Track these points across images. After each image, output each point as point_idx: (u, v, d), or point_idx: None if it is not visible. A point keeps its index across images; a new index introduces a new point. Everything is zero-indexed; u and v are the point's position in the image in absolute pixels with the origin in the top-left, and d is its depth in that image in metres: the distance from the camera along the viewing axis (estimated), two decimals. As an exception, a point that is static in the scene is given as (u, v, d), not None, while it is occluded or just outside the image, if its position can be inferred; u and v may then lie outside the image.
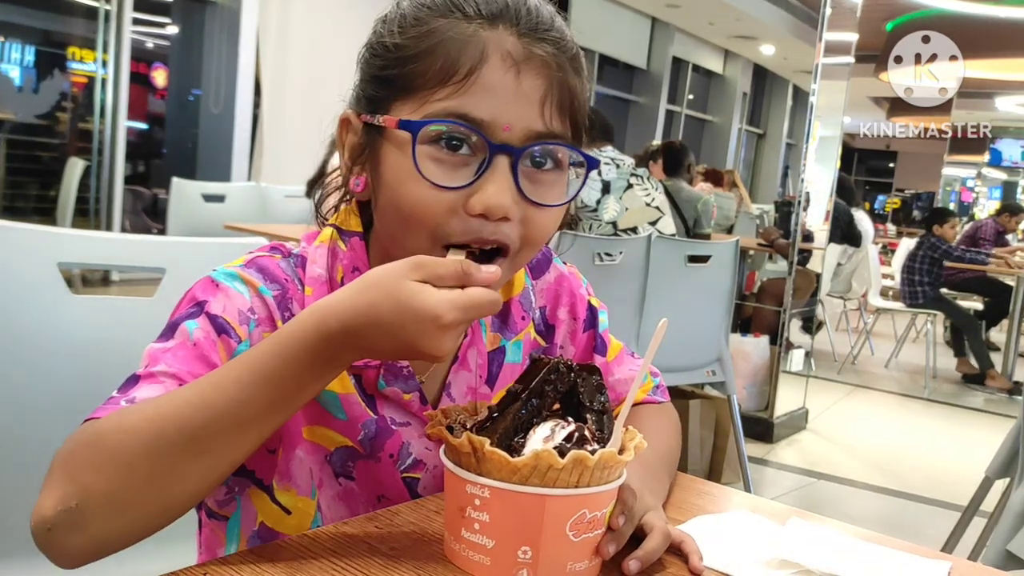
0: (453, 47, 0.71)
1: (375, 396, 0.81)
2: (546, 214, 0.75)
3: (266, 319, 0.77)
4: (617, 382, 0.96)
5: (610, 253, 2.58)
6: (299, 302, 0.79)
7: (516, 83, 0.71)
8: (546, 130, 0.73)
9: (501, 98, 0.71)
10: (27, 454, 1.17)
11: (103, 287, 5.55)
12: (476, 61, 0.71)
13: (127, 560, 1.18)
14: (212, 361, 0.72)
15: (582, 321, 0.95)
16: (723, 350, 3.06)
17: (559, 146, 0.74)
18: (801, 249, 4.71)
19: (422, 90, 0.72)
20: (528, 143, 0.72)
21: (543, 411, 0.71)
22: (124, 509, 0.63)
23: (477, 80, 0.71)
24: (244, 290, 0.77)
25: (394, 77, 0.74)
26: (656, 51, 10.96)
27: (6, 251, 1.12)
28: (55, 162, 6.53)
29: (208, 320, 0.74)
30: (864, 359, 6.72)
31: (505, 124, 0.71)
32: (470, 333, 0.85)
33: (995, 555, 1.77)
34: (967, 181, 13.09)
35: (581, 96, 0.76)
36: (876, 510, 3.59)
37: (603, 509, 0.69)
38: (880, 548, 0.83)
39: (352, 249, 0.81)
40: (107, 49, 6.13)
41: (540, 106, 0.72)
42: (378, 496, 0.84)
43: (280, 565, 0.67)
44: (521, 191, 0.73)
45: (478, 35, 0.72)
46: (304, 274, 0.80)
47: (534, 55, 0.72)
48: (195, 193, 4.03)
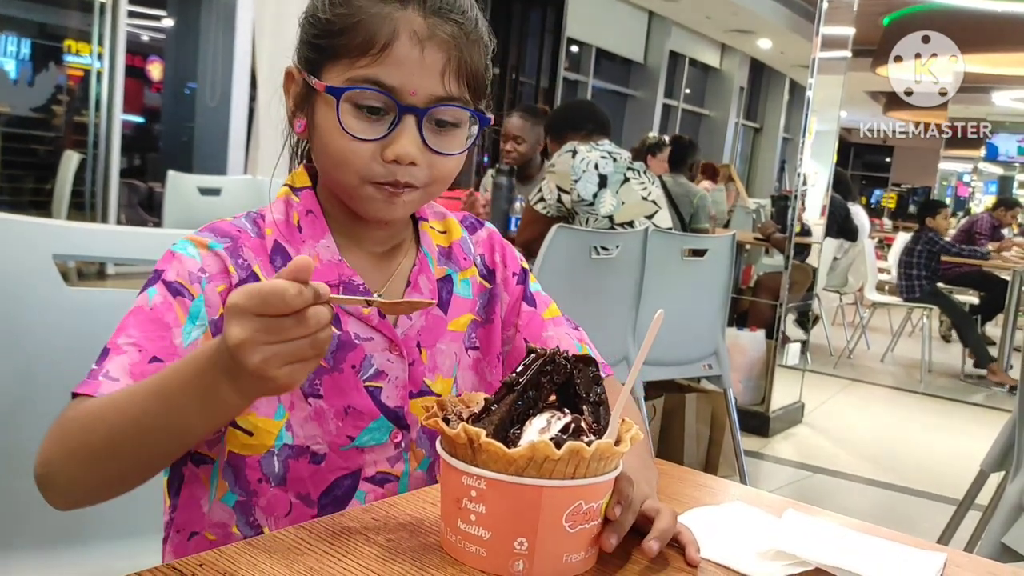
0: (372, 24, 0.86)
1: (338, 314, 0.92)
2: (447, 160, 0.91)
3: (219, 272, 0.89)
4: (549, 338, 1.05)
5: (607, 247, 2.58)
6: (251, 248, 0.91)
7: (420, 56, 0.86)
8: (445, 94, 0.88)
9: (408, 69, 0.86)
10: (24, 445, 1.17)
11: (99, 279, 5.54)
12: (389, 37, 0.86)
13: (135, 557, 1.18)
14: (165, 322, 0.85)
15: (513, 273, 1.07)
16: (719, 344, 3.07)
17: (455, 107, 0.89)
18: (797, 244, 4.71)
19: (346, 58, 0.87)
20: (431, 105, 0.88)
21: (539, 402, 0.72)
22: (75, 481, 0.79)
23: (390, 53, 0.86)
24: (195, 253, 0.89)
25: (325, 46, 0.89)
26: (653, 45, 10.95)
27: (1, 243, 1.11)
28: (50, 155, 6.51)
29: (164, 286, 0.86)
30: (860, 353, 6.73)
31: (412, 89, 0.86)
32: (418, 263, 0.98)
33: (990, 548, 1.78)
34: (963, 176, 13.11)
35: (478, 65, 0.91)
36: (872, 503, 3.60)
37: (599, 500, 0.69)
38: (875, 539, 0.83)
39: (304, 198, 0.96)
40: (103, 42, 6.11)
41: (441, 75, 0.87)
42: (345, 408, 0.91)
43: (277, 556, 0.67)
44: (425, 142, 0.88)
45: (391, 15, 0.86)
46: (263, 224, 0.93)
47: (436, 33, 0.87)
48: (191, 186, 4.01)
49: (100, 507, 0.82)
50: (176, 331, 0.85)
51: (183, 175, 4.01)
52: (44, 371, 1.16)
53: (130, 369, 0.81)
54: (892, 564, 0.77)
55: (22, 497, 1.18)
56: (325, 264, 0.92)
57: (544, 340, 1.04)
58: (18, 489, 1.18)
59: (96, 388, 0.80)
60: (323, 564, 0.67)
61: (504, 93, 8.14)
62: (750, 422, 4.20)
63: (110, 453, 0.76)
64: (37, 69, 7.05)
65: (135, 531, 1.21)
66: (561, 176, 3.17)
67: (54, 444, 0.78)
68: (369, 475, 0.92)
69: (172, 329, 0.84)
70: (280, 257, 0.91)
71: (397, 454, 0.93)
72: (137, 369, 0.82)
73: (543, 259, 2.40)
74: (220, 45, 6.86)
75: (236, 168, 6.56)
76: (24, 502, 1.18)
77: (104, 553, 1.19)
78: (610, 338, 2.69)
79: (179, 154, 7.51)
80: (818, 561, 0.74)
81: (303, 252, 0.92)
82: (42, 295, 1.14)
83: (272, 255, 0.91)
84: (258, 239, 0.92)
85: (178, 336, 0.85)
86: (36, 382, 1.16)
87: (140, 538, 1.21)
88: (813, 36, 4.49)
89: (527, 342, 1.02)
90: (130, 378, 0.81)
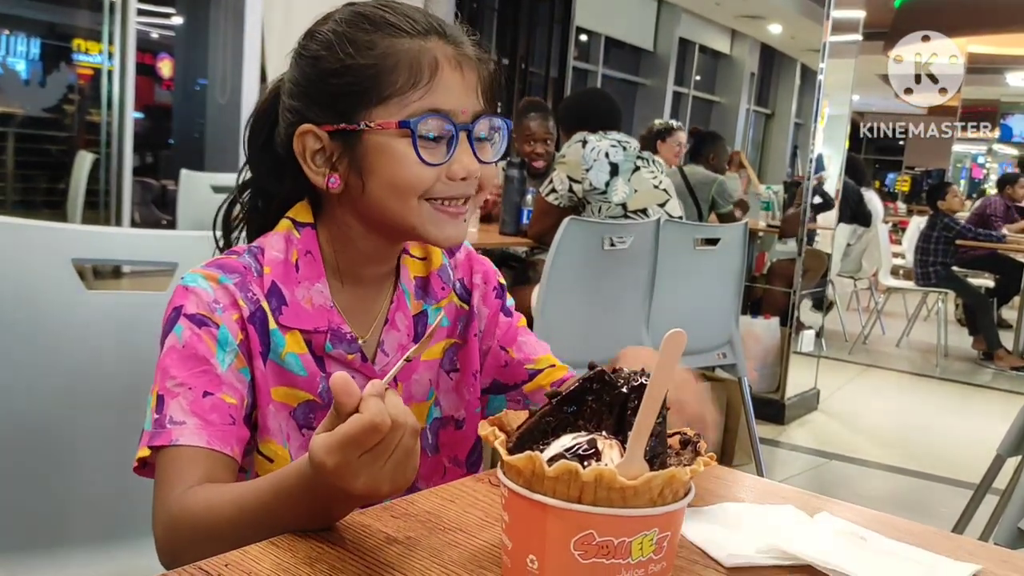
0: (412, 60, 0.92)
1: (323, 357, 0.98)
2: (489, 168, 0.99)
3: (230, 304, 0.92)
4: (523, 343, 1.12)
5: (620, 238, 2.58)
6: (257, 284, 0.95)
7: (462, 78, 0.94)
8: (482, 108, 0.96)
9: (456, 92, 0.94)
10: (45, 447, 1.19)
11: (114, 279, 5.58)
12: (433, 67, 0.92)
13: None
14: (200, 355, 0.89)
15: (493, 288, 1.12)
16: (733, 332, 3.07)
17: (490, 117, 0.98)
18: (810, 229, 4.69)
19: (396, 96, 0.92)
20: (474, 120, 0.95)
21: (581, 420, 0.67)
22: (198, 557, 0.75)
23: (439, 81, 0.92)
24: (207, 286, 0.92)
25: (363, 90, 0.92)
26: (662, 33, 10.89)
27: (22, 248, 1.13)
28: (64, 155, 6.55)
29: (187, 320, 0.91)
30: (875, 339, 6.71)
31: (463, 109, 0.94)
32: (395, 300, 1.03)
33: (1007, 533, 1.77)
34: (978, 157, 13.00)
35: (495, 77, 1.01)
36: (888, 489, 3.60)
37: (622, 537, 0.61)
38: (905, 548, 0.80)
39: (304, 236, 0.99)
40: (113, 40, 6.13)
41: (476, 92, 0.96)
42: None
43: (300, 555, 0.68)
44: (476, 156, 0.96)
45: (425, 48, 0.93)
46: (263, 259, 0.96)
47: (465, 55, 0.95)
48: (204, 184, 4.03)
49: (127, 508, 0.83)
50: (213, 361, 0.90)
51: (196, 174, 4.03)
52: (66, 374, 1.18)
53: (190, 409, 0.87)
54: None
55: (51, 497, 1.20)
56: (316, 309, 0.97)
57: (519, 345, 1.11)
58: (49, 489, 1.20)
59: (170, 437, 0.85)
60: (345, 562, 0.68)
61: (514, 84, 8.13)
62: (765, 410, 4.20)
63: (234, 544, 0.76)
64: (48, 69, 7.09)
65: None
66: (572, 166, 3.17)
67: (181, 542, 0.81)
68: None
69: (210, 360, 0.89)
70: (275, 299, 0.95)
71: None
72: (196, 407, 0.87)
73: (556, 251, 2.41)
74: (230, 42, 6.86)
75: (248, 164, 6.56)
76: (55, 502, 1.20)
77: (131, 552, 1.21)
78: (623, 329, 2.70)
79: (191, 151, 7.53)
80: (842, 571, 0.72)
81: (298, 294, 0.96)
82: (62, 299, 1.16)
83: (268, 295, 0.95)
84: (259, 277, 0.96)
85: (217, 366, 0.90)
86: (58, 385, 1.18)
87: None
88: (824, 20, 4.46)
89: (504, 349, 1.10)
90: (194, 417, 0.86)
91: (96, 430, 1.20)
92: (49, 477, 1.20)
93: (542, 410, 0.67)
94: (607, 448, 0.64)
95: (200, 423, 0.86)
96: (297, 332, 0.95)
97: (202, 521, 0.80)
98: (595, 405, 0.67)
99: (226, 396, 0.89)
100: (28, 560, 1.17)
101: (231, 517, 0.79)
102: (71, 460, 1.20)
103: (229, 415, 0.89)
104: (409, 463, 0.71)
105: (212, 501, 0.80)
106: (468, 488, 0.85)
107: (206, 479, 0.84)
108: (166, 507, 0.83)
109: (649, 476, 0.60)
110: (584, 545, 0.61)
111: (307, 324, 0.96)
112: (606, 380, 0.67)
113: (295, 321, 0.95)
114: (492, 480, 0.86)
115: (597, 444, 0.64)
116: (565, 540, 0.61)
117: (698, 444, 0.68)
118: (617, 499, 0.60)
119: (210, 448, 0.85)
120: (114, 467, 1.22)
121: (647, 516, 0.61)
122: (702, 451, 0.67)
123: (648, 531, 0.61)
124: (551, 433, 0.66)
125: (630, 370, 0.69)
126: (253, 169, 1.05)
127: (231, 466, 0.88)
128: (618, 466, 0.62)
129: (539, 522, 0.62)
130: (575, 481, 0.60)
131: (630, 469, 0.61)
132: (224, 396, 0.89)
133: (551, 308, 2.43)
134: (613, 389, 0.67)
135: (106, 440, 1.20)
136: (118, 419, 1.20)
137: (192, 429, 0.86)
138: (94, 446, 1.21)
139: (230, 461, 0.87)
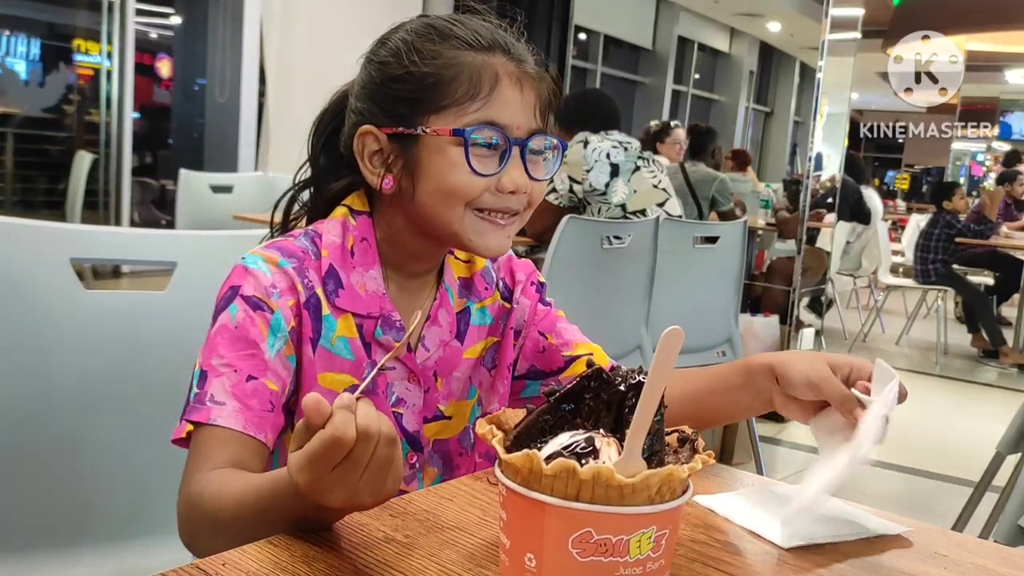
0: (474, 72, 0.95)
1: (371, 343, 0.99)
2: (540, 185, 1.00)
3: (287, 289, 0.94)
4: (563, 329, 1.12)
5: (619, 236, 2.58)
6: (314, 269, 0.97)
7: (520, 95, 0.97)
8: (538, 127, 0.98)
9: (514, 107, 0.96)
10: (46, 446, 1.19)
11: (113, 279, 5.58)
12: (493, 82, 0.95)
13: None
14: (251, 338, 0.91)
15: (532, 282, 1.14)
16: (733, 330, 3.07)
17: (545, 136, 1.00)
18: (809, 227, 4.69)
19: (454, 106, 0.95)
20: (529, 137, 0.97)
21: (578, 418, 0.66)
22: (216, 548, 0.75)
23: (498, 95, 0.95)
24: (266, 269, 0.94)
25: (424, 98, 0.95)
26: (661, 31, 10.89)
27: (21, 248, 1.13)
28: (63, 155, 6.55)
29: (243, 301, 0.92)
30: (875, 336, 6.70)
31: (518, 125, 0.96)
32: (439, 297, 1.04)
33: (1007, 530, 1.78)
34: (977, 155, 12.99)
35: (552, 97, 1.02)
36: (888, 487, 3.60)
37: (619, 535, 0.61)
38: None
39: (360, 224, 1.01)
40: (111, 40, 6.13)
41: (533, 110, 0.98)
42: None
43: (297, 554, 0.69)
44: (528, 172, 0.97)
45: (488, 62, 0.96)
46: (321, 243, 0.99)
47: (526, 74, 0.98)
48: (203, 184, 4.04)
49: (126, 507, 0.83)
50: (263, 346, 0.91)
51: (195, 173, 4.04)
52: (65, 373, 1.18)
53: (232, 391, 0.89)
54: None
55: (53, 496, 1.20)
56: (369, 295, 0.99)
57: (557, 331, 1.12)
58: (50, 488, 1.20)
59: (208, 415, 0.87)
60: (343, 561, 0.68)
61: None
62: (765, 408, 4.19)
63: (235, 537, 0.76)
64: (47, 69, 7.09)
65: (175, 528, 1.23)
66: (573, 166, 3.17)
67: (193, 524, 0.84)
68: None
69: (260, 344, 0.91)
70: (332, 282, 0.97)
71: (411, 474, 1.02)
72: (238, 390, 0.89)
73: (555, 250, 2.41)
74: (228, 41, 6.86)
75: (247, 164, 6.57)
76: (43, 501, 1.20)
77: (130, 552, 1.21)
78: (623, 328, 2.70)
79: (190, 151, 7.54)
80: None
81: (353, 279, 0.98)
82: (61, 299, 1.16)
83: (325, 279, 0.97)
84: (316, 261, 0.98)
85: (265, 351, 0.91)
86: (57, 384, 1.18)
87: (175, 536, 1.22)
88: (822, 18, 4.47)
89: (542, 335, 1.10)
90: (235, 400, 0.88)
91: (96, 429, 1.20)
92: (48, 476, 1.20)
93: (540, 408, 0.67)
94: (605, 446, 0.63)
95: (239, 407, 0.88)
96: (350, 316, 0.97)
97: (210, 511, 0.82)
98: (593, 403, 0.67)
99: (269, 382, 0.91)
100: (35, 560, 1.17)
101: (233, 513, 0.79)
102: (70, 459, 1.20)
103: (269, 401, 0.90)
104: (388, 473, 0.69)
105: (221, 493, 0.81)
106: (466, 486, 0.85)
107: (233, 462, 0.86)
108: (188, 485, 0.85)
109: (647, 474, 0.60)
110: (582, 543, 0.61)
111: (361, 308, 0.98)
112: (604, 378, 0.67)
113: (350, 304, 0.97)
114: (490, 478, 0.86)
115: (595, 442, 0.63)
116: (563, 538, 0.61)
117: (696, 442, 0.68)
118: (615, 497, 0.60)
119: (244, 432, 0.87)
120: (114, 465, 1.22)
121: (645, 514, 0.61)
122: (699, 449, 0.67)
123: (646, 529, 0.61)
124: (549, 431, 0.66)
125: (627, 368, 0.68)
126: (313, 165, 1.07)
127: (261, 452, 0.89)
128: (616, 464, 0.61)
129: (537, 520, 0.61)
130: (573, 479, 0.60)
131: (628, 467, 0.61)
132: (267, 382, 0.91)
133: (550, 307, 2.42)
134: (611, 387, 0.67)
135: (106, 439, 1.20)
136: (118, 418, 1.21)
137: (230, 411, 0.87)
138: (94, 445, 1.21)
139: (261, 447, 0.89)
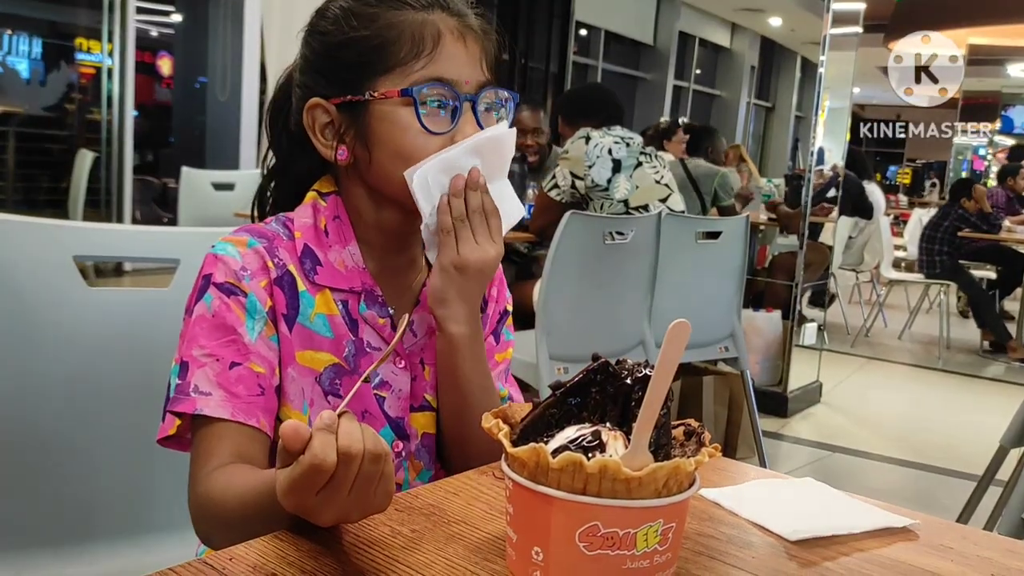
0: (415, 31, 0.93)
1: (357, 320, 0.98)
2: None
3: (259, 269, 0.93)
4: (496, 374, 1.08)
5: (621, 232, 2.58)
6: (286, 249, 0.96)
7: (464, 49, 0.95)
8: (487, 79, 0.97)
9: (458, 62, 0.94)
10: (48, 444, 1.19)
11: (116, 276, 5.59)
12: (436, 38, 0.94)
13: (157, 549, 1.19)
14: (229, 324, 0.90)
15: (498, 311, 1.12)
16: (735, 326, 3.07)
17: (496, 89, 0.99)
18: (811, 222, 4.69)
19: (399, 67, 0.93)
20: (479, 91, 0.96)
21: (584, 411, 0.66)
22: (233, 541, 0.74)
23: (441, 52, 0.93)
24: (235, 252, 0.93)
25: (368, 62, 0.94)
26: (662, 26, 10.87)
27: (23, 245, 1.13)
28: (65, 154, 6.55)
29: (216, 289, 0.91)
30: (877, 331, 6.71)
31: (466, 79, 0.95)
32: (428, 282, 1.01)
33: (1010, 524, 1.78)
34: (979, 149, 12.98)
35: (498, 50, 1.01)
36: (892, 481, 3.60)
37: (626, 529, 0.61)
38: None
39: (330, 203, 1.00)
40: (113, 39, 6.13)
41: (479, 63, 0.97)
42: (363, 412, 0.97)
43: (304, 549, 0.69)
44: (480, 126, 0.96)
45: (427, 19, 0.94)
46: (293, 226, 0.98)
47: (468, 27, 0.96)
48: (204, 182, 4.05)
49: (132, 504, 0.83)
50: (241, 330, 0.90)
51: (196, 171, 4.04)
52: (68, 371, 1.17)
53: (216, 380, 0.88)
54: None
55: (54, 495, 1.20)
56: (349, 271, 0.97)
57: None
58: (52, 487, 1.20)
59: (193, 405, 0.86)
60: (350, 556, 0.68)
61: (514, 80, 8.12)
62: (768, 403, 4.20)
63: (245, 534, 0.75)
64: (49, 68, 7.09)
65: (178, 525, 1.23)
66: (575, 162, 3.17)
67: (207, 524, 0.85)
68: None
69: (238, 329, 0.90)
70: (309, 260, 0.96)
71: (397, 463, 0.99)
72: (223, 378, 0.88)
73: (557, 246, 2.40)
74: (229, 39, 6.86)
75: (248, 162, 6.58)
76: (43, 498, 1.20)
77: (132, 550, 1.21)
78: (625, 323, 2.70)
79: (191, 149, 7.54)
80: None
81: (330, 256, 0.97)
82: (64, 296, 1.16)
83: (302, 258, 0.96)
84: (290, 241, 0.97)
85: (245, 335, 0.90)
86: (60, 382, 1.17)
87: (179, 533, 1.22)
88: (824, 12, 4.45)
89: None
90: (220, 389, 0.87)
91: (97, 427, 1.20)
92: (49, 475, 1.20)
93: (546, 402, 0.67)
94: (611, 439, 0.63)
95: (226, 395, 0.87)
96: (328, 292, 0.96)
97: (219, 513, 0.82)
98: (599, 397, 0.66)
99: (254, 365, 0.90)
100: (35, 558, 1.17)
101: (241, 514, 0.79)
102: (71, 457, 1.20)
103: (258, 385, 0.89)
104: (377, 489, 0.67)
105: (226, 495, 0.81)
106: (472, 481, 0.85)
107: (236, 454, 0.85)
108: (195, 487, 0.85)
109: (654, 467, 0.60)
110: (589, 537, 0.60)
111: (342, 283, 0.96)
112: (610, 371, 0.67)
113: (330, 280, 0.96)
114: (496, 473, 0.86)
115: (601, 435, 0.63)
116: (570, 532, 0.61)
117: (702, 435, 0.68)
118: (622, 490, 0.60)
119: (235, 420, 0.86)
120: (116, 464, 1.22)
121: (652, 507, 0.61)
122: (706, 442, 0.67)
123: (653, 522, 0.61)
124: (555, 425, 0.66)
125: (634, 361, 0.68)
126: (275, 151, 1.06)
127: (259, 438, 0.88)
128: (623, 457, 0.61)
129: (544, 514, 0.61)
130: (579, 473, 0.60)
131: (634, 460, 0.61)
132: (252, 365, 0.90)
133: (553, 303, 2.43)
134: (617, 380, 0.66)
135: (107, 438, 1.20)
136: (120, 416, 1.20)
137: (217, 401, 0.87)
138: (95, 444, 1.21)
139: (257, 433, 0.88)
